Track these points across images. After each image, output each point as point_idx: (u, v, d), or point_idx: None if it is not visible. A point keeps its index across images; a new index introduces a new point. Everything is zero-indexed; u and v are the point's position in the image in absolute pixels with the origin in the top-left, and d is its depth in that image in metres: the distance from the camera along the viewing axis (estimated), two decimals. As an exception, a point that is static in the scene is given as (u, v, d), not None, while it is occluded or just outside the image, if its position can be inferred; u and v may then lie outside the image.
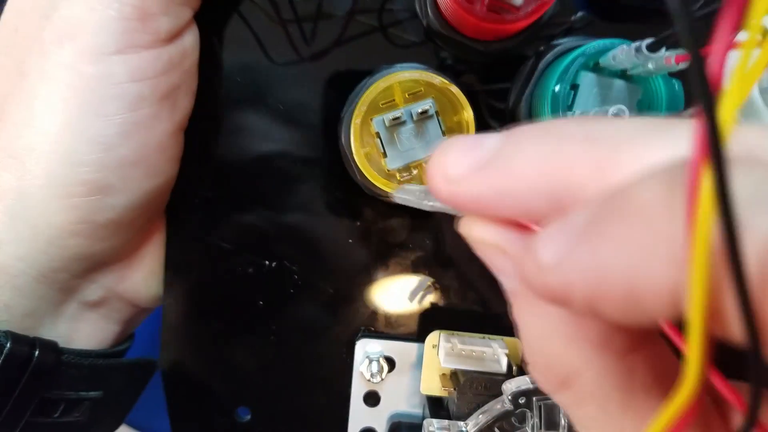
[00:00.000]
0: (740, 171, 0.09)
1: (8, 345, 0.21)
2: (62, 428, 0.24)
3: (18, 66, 0.21)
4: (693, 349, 0.09)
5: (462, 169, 0.13)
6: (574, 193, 0.11)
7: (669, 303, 0.09)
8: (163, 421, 0.30)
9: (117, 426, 0.27)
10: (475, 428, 0.22)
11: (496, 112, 0.25)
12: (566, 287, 0.10)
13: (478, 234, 0.14)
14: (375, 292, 0.26)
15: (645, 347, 0.12)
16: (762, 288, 0.08)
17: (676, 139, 0.11)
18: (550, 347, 0.13)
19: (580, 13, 0.25)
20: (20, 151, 0.20)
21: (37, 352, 0.22)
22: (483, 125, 0.24)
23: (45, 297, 0.22)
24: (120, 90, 0.20)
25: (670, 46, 0.19)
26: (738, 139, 0.10)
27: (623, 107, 0.19)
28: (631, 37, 0.22)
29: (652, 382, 0.12)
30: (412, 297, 0.26)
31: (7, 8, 0.22)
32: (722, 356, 0.10)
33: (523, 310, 0.13)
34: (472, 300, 0.26)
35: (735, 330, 0.09)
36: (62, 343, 0.23)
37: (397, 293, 0.26)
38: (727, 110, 0.08)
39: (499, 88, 0.25)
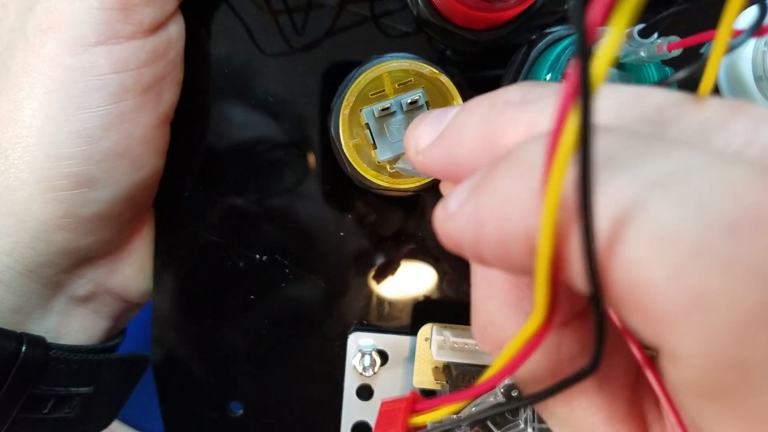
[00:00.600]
0: (607, 131, 0.10)
1: None
2: (52, 424, 0.24)
3: (1, 59, 0.21)
4: (539, 288, 0.10)
5: (427, 140, 0.15)
6: None
7: (528, 249, 0.10)
8: (157, 418, 0.30)
9: (110, 422, 0.27)
10: (468, 421, 0.22)
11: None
12: (458, 234, 0.12)
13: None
14: (367, 285, 0.26)
15: (574, 322, 0.13)
16: (608, 244, 0.09)
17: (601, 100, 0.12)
18: (488, 310, 0.14)
19: (572, 2, 0.25)
20: (4, 144, 0.20)
21: (24, 348, 0.21)
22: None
23: (33, 292, 0.22)
24: (103, 81, 0.20)
25: (662, 33, 0.18)
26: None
27: (640, 25, 0.19)
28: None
29: (577, 354, 0.13)
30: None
31: None
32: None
33: (473, 274, 0.15)
34: (465, 292, 0.26)
35: (577, 278, 0.10)
36: (52, 338, 0.23)
37: (389, 286, 0.26)
38: (599, 67, 0.09)
39: (491, 76, 0.25)
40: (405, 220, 0.25)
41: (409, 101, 0.21)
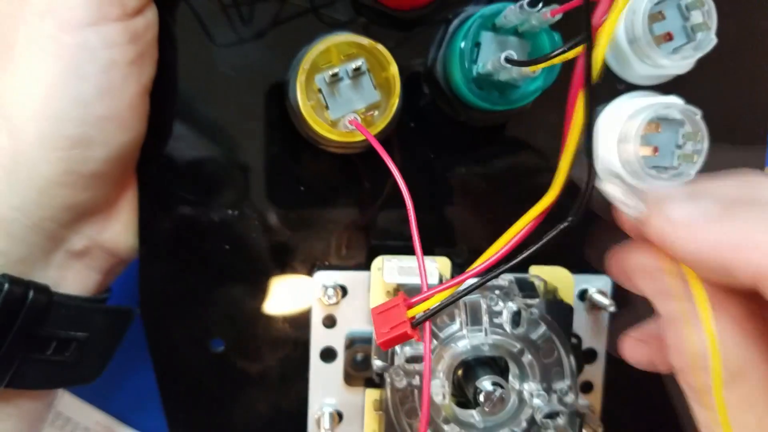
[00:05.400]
0: None
1: (6, 286, 0.24)
2: (54, 365, 0.27)
3: (4, 40, 0.24)
4: (559, 173, 0.14)
5: (683, 217, 0.18)
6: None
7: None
8: (156, 417, 0.32)
9: (100, 371, 0.30)
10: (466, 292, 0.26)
11: (416, 71, 0.30)
12: (678, 241, 0.17)
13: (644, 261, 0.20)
14: (327, 230, 0.30)
15: None
16: None
17: None
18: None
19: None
20: (12, 113, 0.23)
21: (32, 292, 0.25)
22: (407, 81, 0.29)
23: (37, 245, 0.25)
24: (95, 55, 0.24)
25: (546, 3, 0.24)
26: None
27: (512, 52, 0.24)
28: None
29: None
30: None
31: None
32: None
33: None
34: (408, 234, 0.30)
35: None
36: (51, 288, 0.26)
37: (346, 231, 0.30)
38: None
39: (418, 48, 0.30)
40: (355, 172, 0.30)
41: (353, 67, 0.26)
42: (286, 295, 0.30)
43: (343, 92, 0.27)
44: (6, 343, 0.24)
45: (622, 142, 0.26)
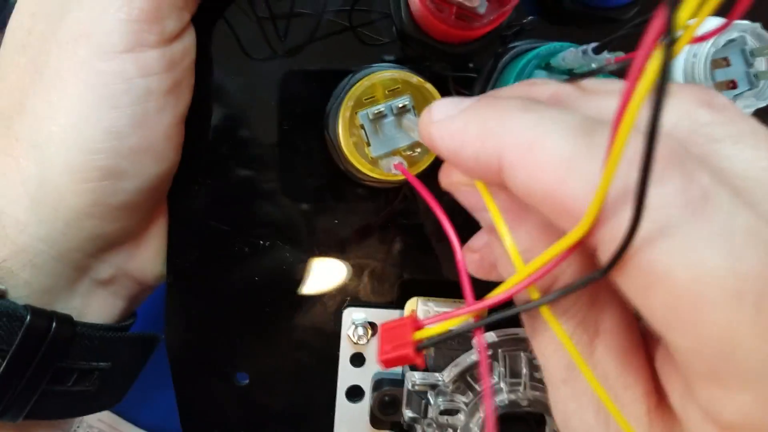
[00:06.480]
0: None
1: (28, 317, 0.23)
2: (74, 396, 0.26)
3: (34, 64, 0.23)
4: (595, 201, 0.13)
5: (443, 114, 0.17)
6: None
7: (497, 169, 0.14)
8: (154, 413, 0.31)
9: (122, 397, 0.29)
10: (450, 377, 0.26)
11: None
12: (439, 140, 0.16)
13: (455, 177, 0.18)
14: (359, 266, 0.29)
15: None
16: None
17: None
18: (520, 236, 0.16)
19: (530, 18, 0.28)
20: (40, 141, 0.22)
21: (54, 324, 0.24)
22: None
23: (61, 275, 0.24)
24: (131, 85, 0.22)
25: (611, 50, 0.23)
26: None
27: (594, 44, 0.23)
28: (574, 38, 0.25)
29: (573, 277, 0.16)
30: None
31: (18, 11, 0.24)
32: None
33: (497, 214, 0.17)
34: (446, 272, 0.29)
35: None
36: (75, 317, 0.25)
37: (378, 268, 0.29)
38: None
39: (464, 77, 0.28)
40: (392, 208, 0.29)
41: (399, 105, 0.25)
42: (314, 330, 0.29)
43: (387, 129, 0.25)
44: (26, 376, 0.24)
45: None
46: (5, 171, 0.23)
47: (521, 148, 0.14)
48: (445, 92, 0.26)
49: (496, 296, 0.16)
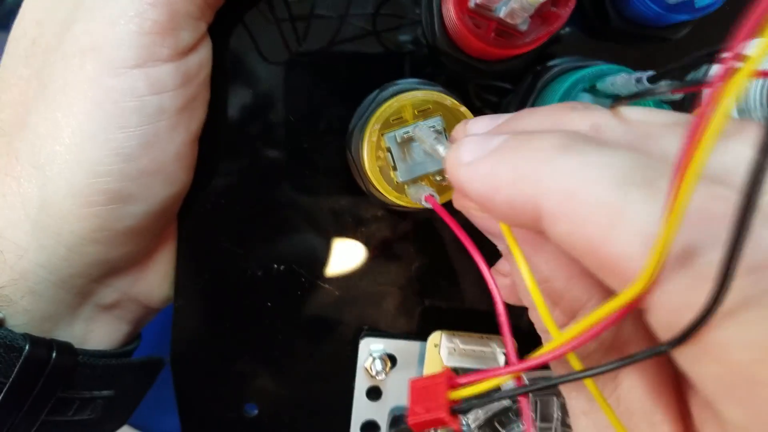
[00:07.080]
0: None
1: (27, 348, 0.21)
2: (75, 426, 0.24)
3: (38, 76, 0.21)
4: (653, 259, 0.11)
5: (469, 157, 0.16)
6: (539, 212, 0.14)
7: (534, 216, 0.13)
8: (158, 418, 0.30)
9: (124, 422, 0.28)
10: (476, 423, 0.24)
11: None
12: (468, 183, 0.15)
13: (468, 201, 0.17)
14: (378, 293, 0.27)
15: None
16: None
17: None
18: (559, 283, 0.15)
19: (567, 28, 0.26)
20: (42, 161, 0.21)
21: (54, 354, 0.22)
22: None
23: (63, 301, 0.23)
24: (141, 102, 0.21)
25: (669, 80, 0.21)
26: None
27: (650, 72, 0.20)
28: (620, 57, 0.23)
29: (630, 338, 0.14)
30: None
31: (21, 18, 0.22)
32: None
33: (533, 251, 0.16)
34: (469, 302, 0.28)
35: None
36: (77, 343, 0.24)
37: (399, 295, 0.27)
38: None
39: (496, 102, 0.27)
40: (415, 235, 0.27)
41: (430, 127, 0.23)
42: (328, 360, 0.27)
43: (415, 153, 0.23)
44: (25, 408, 0.22)
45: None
46: (5, 192, 0.21)
47: (562, 195, 0.13)
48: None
49: (540, 356, 0.14)
